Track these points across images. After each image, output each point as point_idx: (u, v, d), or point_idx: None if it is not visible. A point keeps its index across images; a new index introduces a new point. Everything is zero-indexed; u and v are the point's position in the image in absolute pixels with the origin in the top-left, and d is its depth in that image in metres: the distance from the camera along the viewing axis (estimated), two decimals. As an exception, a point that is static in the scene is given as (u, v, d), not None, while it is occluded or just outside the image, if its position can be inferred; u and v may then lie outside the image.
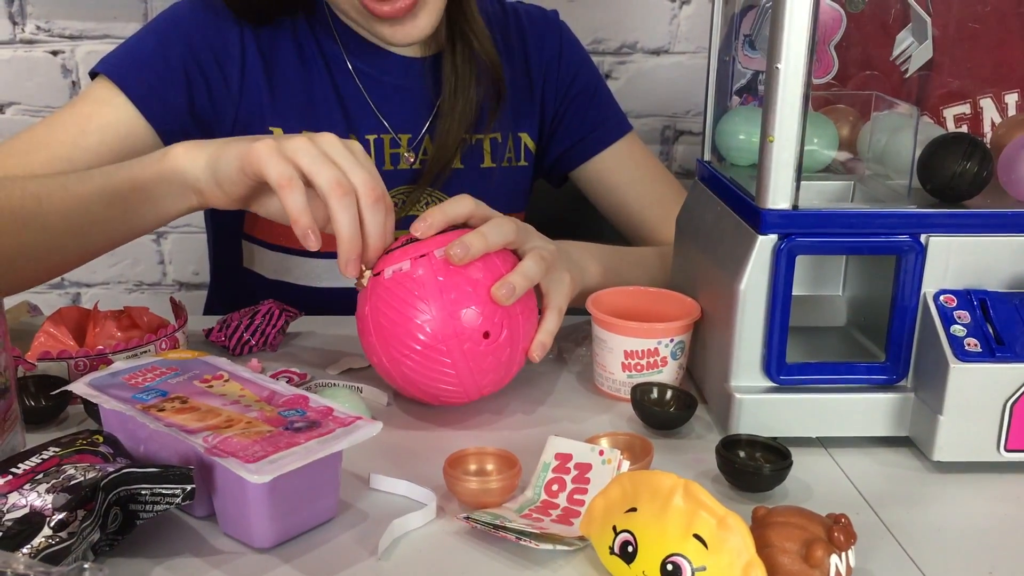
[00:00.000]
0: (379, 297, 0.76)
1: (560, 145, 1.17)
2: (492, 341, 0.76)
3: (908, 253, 0.73)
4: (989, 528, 0.67)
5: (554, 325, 0.82)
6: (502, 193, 1.11)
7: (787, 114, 0.69)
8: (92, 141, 0.97)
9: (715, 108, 0.88)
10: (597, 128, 1.17)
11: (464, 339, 0.75)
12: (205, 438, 0.61)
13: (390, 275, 0.76)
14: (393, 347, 0.76)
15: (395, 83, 1.08)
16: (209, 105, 1.03)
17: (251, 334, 0.91)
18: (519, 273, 0.78)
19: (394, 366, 0.77)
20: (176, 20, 1.03)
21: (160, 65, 1.00)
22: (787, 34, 0.67)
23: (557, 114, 1.17)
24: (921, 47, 0.88)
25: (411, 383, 0.77)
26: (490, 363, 0.77)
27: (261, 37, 1.04)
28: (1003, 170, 0.75)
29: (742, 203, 0.76)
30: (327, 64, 1.06)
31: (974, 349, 0.71)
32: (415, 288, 0.75)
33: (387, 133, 1.07)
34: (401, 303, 0.75)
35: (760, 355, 0.75)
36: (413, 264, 0.76)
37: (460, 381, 0.77)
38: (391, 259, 0.77)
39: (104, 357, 0.80)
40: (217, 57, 1.02)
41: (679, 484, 0.56)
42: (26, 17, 1.58)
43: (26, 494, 0.59)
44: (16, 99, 1.62)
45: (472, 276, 0.76)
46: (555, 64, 1.16)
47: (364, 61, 1.07)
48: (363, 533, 0.64)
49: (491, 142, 1.11)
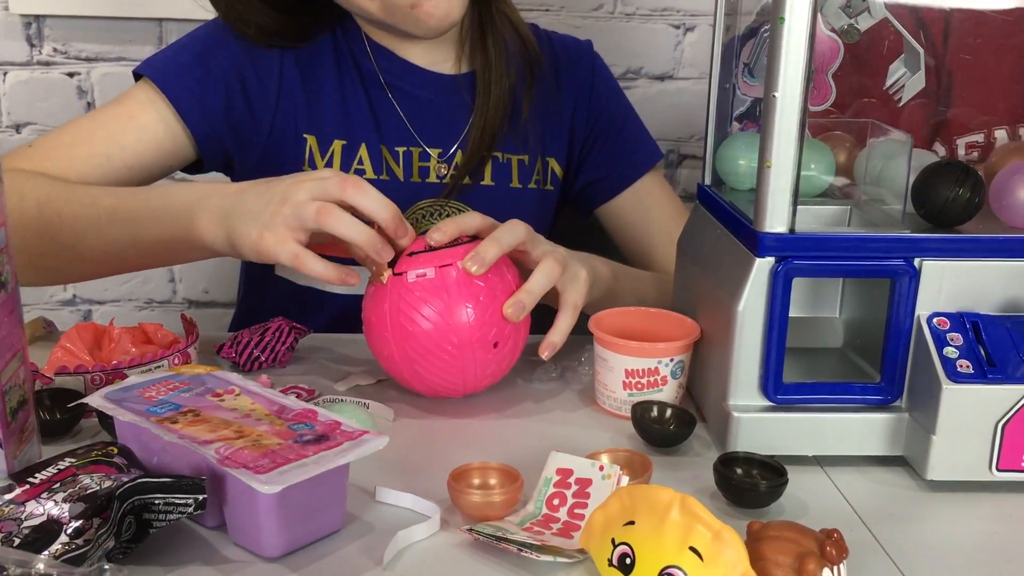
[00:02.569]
0: (401, 297, 0.82)
1: (586, 176, 1.19)
2: (499, 350, 0.84)
3: (902, 276, 0.75)
4: (981, 546, 0.69)
5: (568, 324, 0.87)
6: (528, 215, 1.12)
7: (784, 141, 0.71)
8: (131, 139, 1.02)
9: (715, 134, 0.90)
10: (624, 163, 1.19)
11: (475, 347, 0.82)
12: (217, 449, 0.63)
13: (413, 279, 0.81)
14: (409, 344, 0.82)
15: (427, 98, 1.11)
16: (247, 113, 1.06)
17: (261, 350, 0.93)
18: (526, 291, 0.84)
19: (404, 361, 0.83)
20: (219, 30, 1.07)
21: (201, 72, 1.04)
22: (783, 63, 0.70)
23: (586, 144, 1.18)
24: (914, 77, 0.90)
25: (418, 378, 0.84)
26: (493, 368, 0.85)
27: (300, 50, 1.07)
28: (995, 197, 0.77)
29: (741, 226, 0.78)
30: (362, 78, 1.09)
31: (966, 371, 0.72)
32: (436, 294, 0.81)
33: (417, 146, 1.10)
34: (423, 306, 0.81)
35: (758, 375, 0.77)
36: (437, 272, 0.81)
37: (464, 380, 0.84)
38: (415, 263, 0.82)
39: (119, 372, 0.82)
40: (256, 67, 1.06)
41: (676, 498, 0.58)
42: (43, 40, 1.62)
43: (43, 503, 0.61)
44: (33, 119, 1.65)
45: (488, 289, 0.82)
46: (586, 94, 1.18)
47: (397, 76, 1.10)
48: (369, 544, 0.66)
49: (519, 163, 1.14)
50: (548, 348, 0.86)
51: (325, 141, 1.07)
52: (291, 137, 1.07)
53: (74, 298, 1.75)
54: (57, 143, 1.02)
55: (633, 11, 1.64)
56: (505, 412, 0.87)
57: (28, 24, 1.61)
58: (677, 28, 1.65)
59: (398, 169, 1.08)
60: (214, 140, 1.05)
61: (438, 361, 0.82)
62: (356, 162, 1.08)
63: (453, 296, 0.81)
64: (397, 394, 0.89)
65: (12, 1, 1.57)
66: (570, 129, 1.17)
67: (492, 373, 0.85)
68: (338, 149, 1.07)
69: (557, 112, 1.16)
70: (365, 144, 1.08)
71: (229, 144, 1.07)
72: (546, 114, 1.15)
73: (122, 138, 1.02)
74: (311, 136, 1.07)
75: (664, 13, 1.64)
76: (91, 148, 1.01)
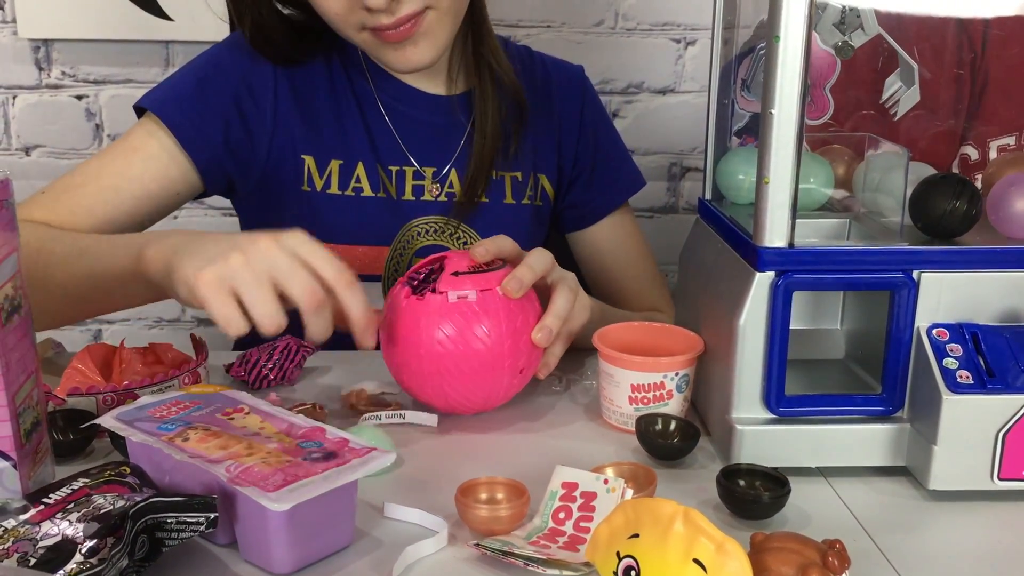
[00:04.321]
0: (441, 316, 0.83)
1: (570, 199, 1.21)
2: (523, 375, 0.87)
3: (901, 289, 0.76)
4: (983, 555, 0.69)
5: (562, 350, 0.90)
6: (521, 230, 1.15)
7: (782, 157, 0.72)
8: (137, 171, 1.04)
9: (715, 149, 0.92)
10: (606, 192, 1.22)
11: (506, 371, 0.85)
12: (227, 468, 0.64)
13: (455, 300, 0.83)
14: (443, 362, 0.83)
15: (422, 118, 1.12)
16: (245, 139, 1.08)
17: (270, 369, 0.95)
18: (554, 315, 0.87)
19: (433, 377, 0.84)
20: (215, 60, 1.09)
21: (199, 101, 1.06)
22: (780, 80, 0.71)
23: (575, 169, 1.21)
24: (909, 91, 0.91)
25: (441, 394, 0.86)
26: (513, 391, 0.88)
27: (294, 74, 1.09)
28: (992, 208, 0.78)
29: (741, 241, 0.79)
30: (358, 101, 1.11)
31: (966, 381, 0.73)
32: (475, 318, 0.83)
33: (411, 166, 1.12)
34: (460, 327, 0.83)
35: (760, 387, 0.78)
36: (479, 296, 0.83)
37: (486, 400, 0.87)
38: (455, 284, 0.84)
39: (130, 392, 0.83)
40: (252, 93, 1.07)
41: (679, 511, 0.58)
42: (52, 63, 1.64)
43: (58, 523, 0.62)
44: (42, 142, 1.68)
45: (523, 316, 0.85)
46: (577, 119, 1.20)
47: (393, 96, 1.12)
48: (378, 560, 0.67)
49: (512, 179, 1.15)
50: (544, 369, 0.90)
51: (323, 161, 1.09)
52: (289, 158, 1.09)
53: (84, 318, 1.77)
54: (68, 185, 1.03)
55: (634, 26, 1.65)
56: (511, 427, 0.88)
57: (37, 48, 1.63)
58: (678, 42, 1.66)
59: (392, 187, 1.10)
60: (216, 166, 1.07)
61: (468, 381, 0.84)
62: (354, 180, 1.10)
63: (491, 319, 0.83)
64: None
65: (21, 26, 1.59)
66: (559, 151, 1.20)
67: (507, 394, 0.88)
68: (335, 168, 1.09)
69: (548, 133, 1.18)
70: (362, 163, 1.10)
71: (230, 169, 1.08)
72: (538, 133, 1.17)
73: (128, 171, 1.04)
74: (309, 156, 1.09)
75: (665, 28, 1.65)
76: (99, 183, 1.03)
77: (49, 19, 1.60)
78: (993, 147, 0.99)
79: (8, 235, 0.69)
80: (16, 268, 0.70)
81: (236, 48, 1.09)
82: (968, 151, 0.99)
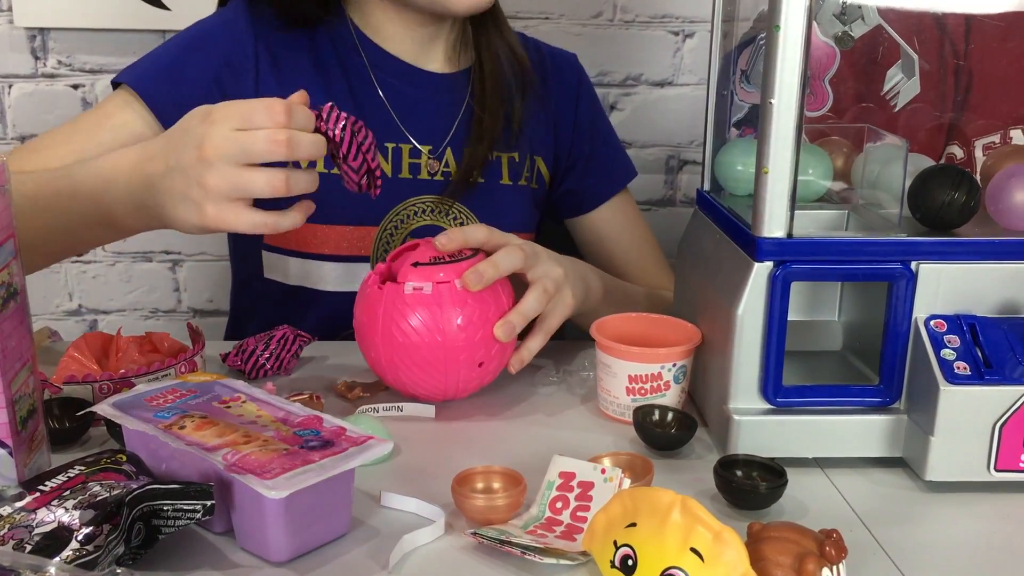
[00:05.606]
0: (394, 306, 0.83)
1: (567, 185, 1.21)
2: (483, 369, 0.87)
3: (899, 280, 0.76)
4: (979, 545, 0.69)
5: (538, 345, 0.91)
6: (516, 211, 1.15)
7: (781, 147, 0.72)
8: (107, 138, 1.02)
9: (714, 140, 0.92)
10: (603, 178, 1.22)
11: (461, 364, 0.85)
12: (224, 456, 0.64)
13: (410, 291, 0.83)
14: (395, 351, 0.84)
15: (419, 96, 1.12)
16: None
17: (267, 358, 0.94)
18: (518, 313, 0.87)
19: (389, 366, 0.85)
20: (196, 35, 1.09)
21: (178, 75, 1.05)
22: (779, 71, 0.71)
23: (571, 154, 1.21)
24: (910, 82, 0.91)
25: (399, 383, 0.87)
26: (474, 384, 0.88)
27: (275, 48, 1.08)
28: (990, 200, 0.78)
29: (739, 232, 0.79)
30: (347, 77, 1.10)
31: (963, 372, 0.73)
32: (429, 310, 0.83)
33: (407, 143, 1.11)
34: (413, 317, 0.83)
35: (758, 378, 0.78)
36: (435, 288, 0.83)
37: (443, 390, 0.87)
38: (414, 274, 0.84)
39: (127, 380, 0.83)
40: (232, 68, 1.07)
41: (677, 500, 0.58)
42: (48, 52, 1.63)
43: (54, 510, 0.62)
44: (37, 131, 1.66)
45: (481, 311, 0.84)
46: (572, 106, 1.20)
47: (390, 74, 1.11)
48: (375, 548, 0.67)
49: (509, 160, 1.15)
50: (517, 363, 0.90)
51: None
52: None
53: (80, 308, 1.76)
54: (36, 146, 1.03)
55: (632, 18, 1.65)
56: (508, 417, 0.88)
57: (33, 37, 1.62)
58: (676, 35, 1.66)
59: (387, 166, 1.09)
60: None
61: (420, 372, 0.85)
62: None
63: (446, 312, 0.83)
64: (397, 399, 0.90)
65: (17, 14, 1.59)
66: (556, 136, 1.20)
67: (472, 388, 0.89)
68: None
69: (544, 117, 1.18)
70: None
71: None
72: (535, 116, 1.17)
73: (98, 136, 1.03)
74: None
75: (663, 20, 1.65)
76: (67, 148, 1.02)
77: (45, 8, 1.59)
78: (978, 146, 0.99)
79: (5, 220, 0.69)
80: (13, 254, 0.70)
81: (217, 26, 1.09)
82: (953, 150, 0.99)
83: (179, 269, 1.75)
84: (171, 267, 1.75)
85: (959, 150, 0.97)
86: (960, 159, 1.00)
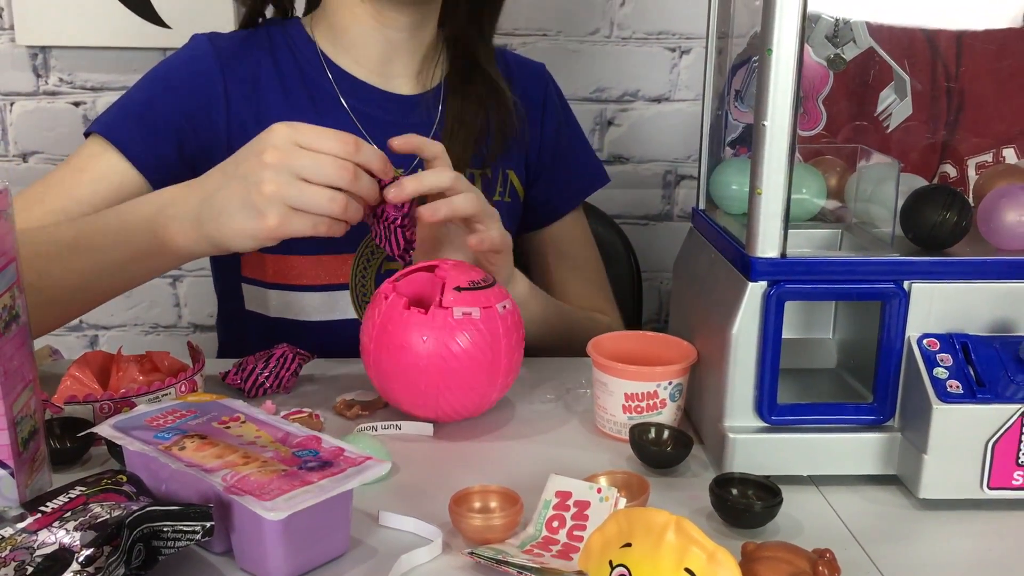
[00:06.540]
0: (445, 330, 0.85)
1: (530, 197, 1.22)
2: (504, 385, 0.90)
3: (892, 299, 0.76)
4: (973, 563, 0.70)
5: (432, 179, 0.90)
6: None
7: (774, 169, 0.73)
8: (85, 192, 1.02)
9: (709, 159, 0.92)
10: (564, 193, 1.23)
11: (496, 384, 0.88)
12: (223, 477, 0.65)
13: (460, 316, 0.85)
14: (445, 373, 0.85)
15: (389, 119, 1.12)
16: (199, 150, 1.07)
17: (266, 377, 0.95)
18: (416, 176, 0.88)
19: (430, 387, 0.86)
20: (162, 76, 1.09)
21: (149, 118, 1.05)
22: (772, 93, 0.71)
23: (539, 164, 1.22)
24: (902, 103, 0.92)
25: (434, 403, 0.87)
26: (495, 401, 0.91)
27: (244, 79, 1.09)
28: (982, 219, 0.79)
29: (734, 251, 0.80)
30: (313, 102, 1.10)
31: (956, 391, 0.74)
32: (479, 333, 0.85)
33: None
34: (468, 340, 0.85)
35: (752, 396, 0.78)
36: (482, 314, 0.86)
37: (477, 407, 0.89)
38: (459, 300, 0.85)
39: (127, 400, 0.83)
40: (203, 105, 1.07)
41: (671, 520, 0.59)
42: (49, 70, 1.64)
43: (55, 531, 0.63)
44: (39, 148, 1.68)
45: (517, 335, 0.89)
46: (539, 113, 1.21)
47: (359, 99, 1.11)
48: (373, 568, 0.67)
49: (482, 177, 1.15)
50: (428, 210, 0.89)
51: None
52: None
53: (80, 323, 1.77)
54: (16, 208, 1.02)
55: (629, 35, 1.66)
56: (505, 436, 0.89)
57: (35, 55, 1.63)
58: (673, 51, 1.67)
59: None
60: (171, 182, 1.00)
61: (467, 390, 0.86)
62: None
63: (494, 335, 0.86)
64: (396, 417, 0.90)
65: (19, 32, 1.60)
66: (525, 148, 1.20)
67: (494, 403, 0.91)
68: None
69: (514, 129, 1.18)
70: None
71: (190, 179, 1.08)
72: (504, 131, 1.17)
73: (76, 191, 1.01)
74: None
75: (660, 36, 1.66)
76: (45, 207, 1.00)
77: (47, 26, 1.60)
78: (971, 164, 1.00)
79: (6, 244, 0.69)
80: (15, 278, 0.70)
81: (182, 63, 1.09)
82: (947, 169, 1.00)
83: (179, 285, 1.76)
84: (171, 283, 1.75)
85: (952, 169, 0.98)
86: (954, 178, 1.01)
